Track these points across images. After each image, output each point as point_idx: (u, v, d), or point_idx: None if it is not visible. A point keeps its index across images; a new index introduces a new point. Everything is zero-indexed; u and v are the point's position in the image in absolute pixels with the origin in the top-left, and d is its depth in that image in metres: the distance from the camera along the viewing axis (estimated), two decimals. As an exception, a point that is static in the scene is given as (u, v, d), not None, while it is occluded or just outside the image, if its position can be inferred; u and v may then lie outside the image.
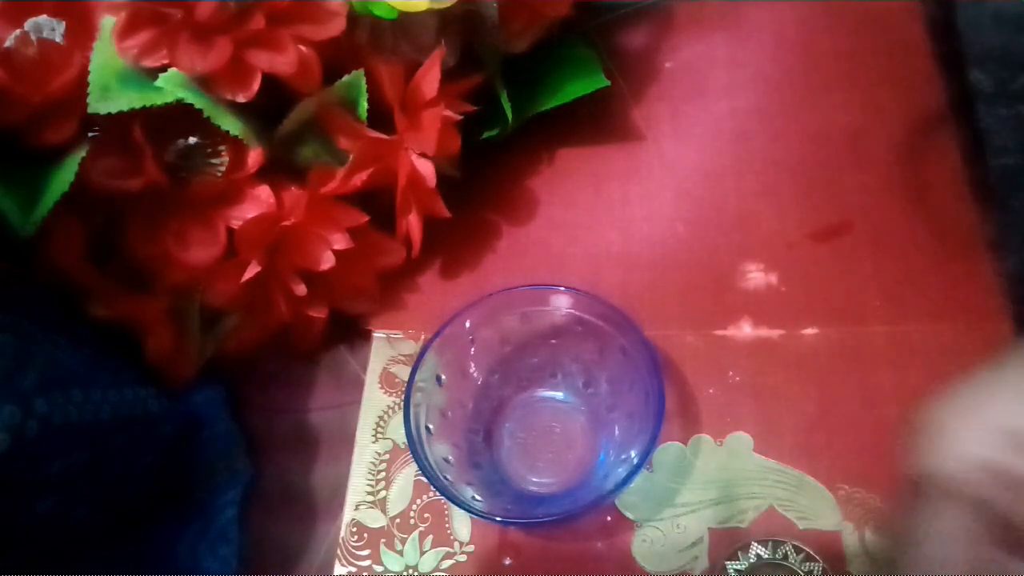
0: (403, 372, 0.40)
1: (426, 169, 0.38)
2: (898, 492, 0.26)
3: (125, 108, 0.33)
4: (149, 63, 0.33)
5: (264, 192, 0.36)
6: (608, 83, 0.42)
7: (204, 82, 0.34)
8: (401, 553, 0.36)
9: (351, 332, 0.42)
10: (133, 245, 0.36)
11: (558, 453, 0.38)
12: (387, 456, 0.39)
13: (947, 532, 0.24)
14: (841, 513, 0.35)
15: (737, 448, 0.37)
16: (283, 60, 0.34)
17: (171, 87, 0.33)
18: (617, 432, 0.36)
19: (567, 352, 0.38)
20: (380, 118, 0.37)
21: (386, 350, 0.41)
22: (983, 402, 0.25)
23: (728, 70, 0.46)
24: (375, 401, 0.40)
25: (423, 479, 0.35)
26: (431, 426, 0.35)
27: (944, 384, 0.26)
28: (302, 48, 0.34)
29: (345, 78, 0.36)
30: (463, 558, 0.36)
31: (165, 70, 0.33)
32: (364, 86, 0.36)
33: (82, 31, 0.34)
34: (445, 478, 0.34)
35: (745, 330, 0.40)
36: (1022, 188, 0.41)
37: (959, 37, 0.45)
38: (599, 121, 0.46)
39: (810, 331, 0.39)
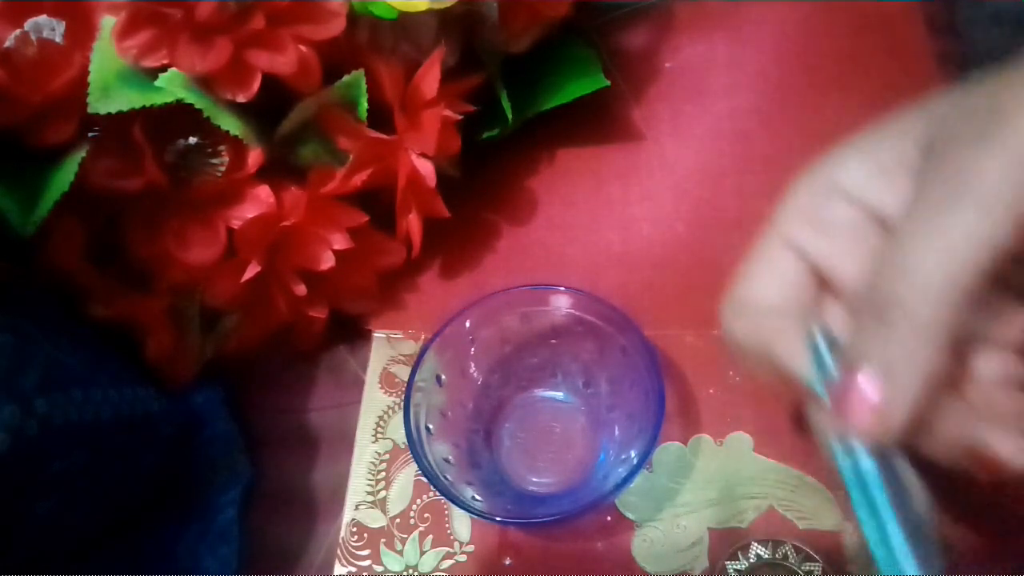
0: (403, 372, 0.40)
1: (426, 169, 0.38)
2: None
3: (125, 108, 0.33)
4: (149, 63, 0.33)
5: (264, 192, 0.36)
6: (608, 83, 0.42)
7: (204, 82, 0.34)
8: (401, 553, 0.36)
9: (351, 332, 0.42)
10: (133, 245, 0.36)
11: (558, 453, 0.38)
12: (387, 456, 0.39)
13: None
14: (841, 513, 0.35)
15: (737, 448, 0.37)
16: (283, 60, 0.34)
17: (171, 87, 0.33)
18: (617, 432, 0.36)
19: (567, 352, 0.38)
20: (380, 118, 0.37)
21: (386, 350, 0.41)
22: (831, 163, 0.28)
23: (728, 70, 0.46)
24: (375, 401, 0.40)
25: (423, 479, 0.35)
26: (431, 426, 0.35)
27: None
28: (302, 48, 0.34)
29: (345, 78, 0.36)
30: (463, 558, 0.36)
31: (165, 70, 0.33)
32: (364, 86, 0.36)
33: (82, 31, 0.34)
34: (445, 478, 0.34)
35: (745, 330, 0.40)
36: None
37: (959, 37, 0.45)
38: (599, 121, 0.46)
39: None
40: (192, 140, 0.36)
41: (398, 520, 0.37)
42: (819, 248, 0.27)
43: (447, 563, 0.36)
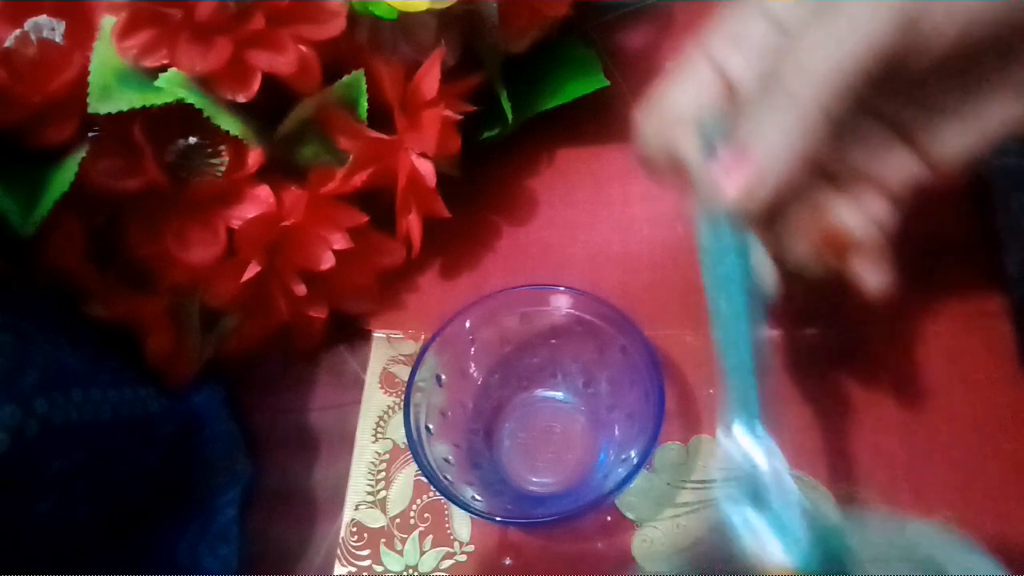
0: (403, 372, 0.40)
1: (426, 169, 0.38)
2: None
3: (125, 108, 0.33)
4: (149, 63, 0.33)
5: (264, 192, 0.36)
6: (608, 83, 0.42)
7: (204, 82, 0.34)
8: (401, 553, 0.36)
9: (351, 332, 0.42)
10: (133, 245, 0.36)
11: (558, 453, 0.38)
12: (387, 456, 0.39)
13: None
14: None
15: (737, 448, 0.37)
16: (283, 60, 0.34)
17: (171, 87, 0.33)
18: (617, 432, 0.36)
19: (567, 352, 0.38)
20: (380, 118, 0.37)
21: (386, 350, 0.41)
22: None
23: (728, 70, 0.46)
24: (375, 401, 0.40)
25: (423, 479, 0.35)
26: (431, 426, 0.35)
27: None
28: (302, 48, 0.34)
29: (345, 78, 0.36)
30: (463, 558, 0.36)
31: (165, 70, 0.33)
32: (364, 86, 0.36)
33: (82, 31, 0.34)
34: (445, 478, 0.34)
35: (745, 330, 0.40)
36: (1022, 188, 0.41)
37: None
38: (599, 121, 0.46)
39: (810, 331, 0.39)
40: (192, 140, 0.36)
41: (398, 520, 0.37)
42: (733, 62, 0.29)
43: (447, 563, 0.36)
